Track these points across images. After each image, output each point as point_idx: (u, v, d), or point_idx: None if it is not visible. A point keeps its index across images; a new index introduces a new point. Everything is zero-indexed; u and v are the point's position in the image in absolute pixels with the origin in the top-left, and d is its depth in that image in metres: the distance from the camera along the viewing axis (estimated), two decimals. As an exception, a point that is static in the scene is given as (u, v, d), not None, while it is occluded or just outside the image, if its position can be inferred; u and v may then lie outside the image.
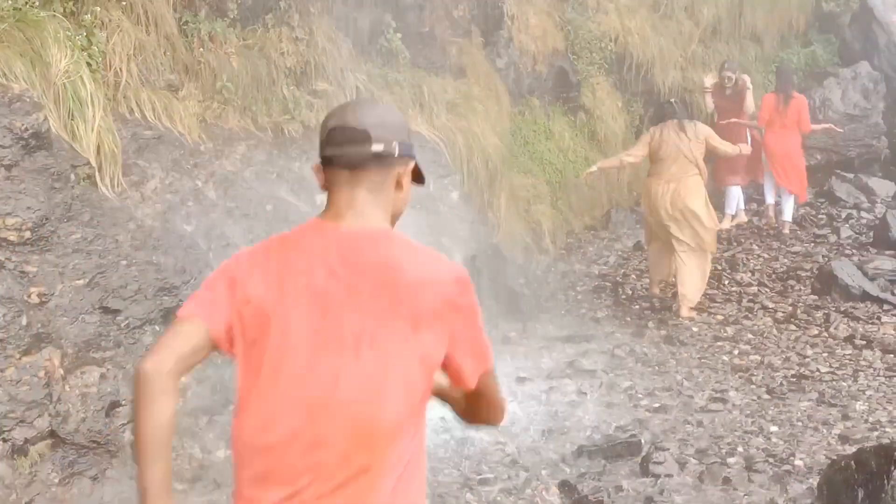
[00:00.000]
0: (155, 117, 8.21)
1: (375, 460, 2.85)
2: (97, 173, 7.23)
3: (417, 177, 3.19)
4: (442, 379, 3.12)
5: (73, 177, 6.90)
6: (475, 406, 3.27)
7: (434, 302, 2.96)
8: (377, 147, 3.00)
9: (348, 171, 3.03)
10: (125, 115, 8.01)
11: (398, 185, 3.10)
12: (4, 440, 5.68)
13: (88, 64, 7.55)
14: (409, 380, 2.90)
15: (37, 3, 7.31)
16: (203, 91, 8.86)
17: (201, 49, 8.94)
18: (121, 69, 8.10)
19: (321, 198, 8.31)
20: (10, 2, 7.11)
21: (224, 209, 8.18)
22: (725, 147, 11.15)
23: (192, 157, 8.32)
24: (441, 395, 3.22)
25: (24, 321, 6.05)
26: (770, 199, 14.43)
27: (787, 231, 14.09)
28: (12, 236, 6.29)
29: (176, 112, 8.39)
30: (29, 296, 6.20)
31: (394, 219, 3.17)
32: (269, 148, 9.17)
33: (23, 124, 6.54)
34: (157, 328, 6.82)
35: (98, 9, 8.02)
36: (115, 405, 6.35)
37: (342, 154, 3.02)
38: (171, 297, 6.99)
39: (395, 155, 3.04)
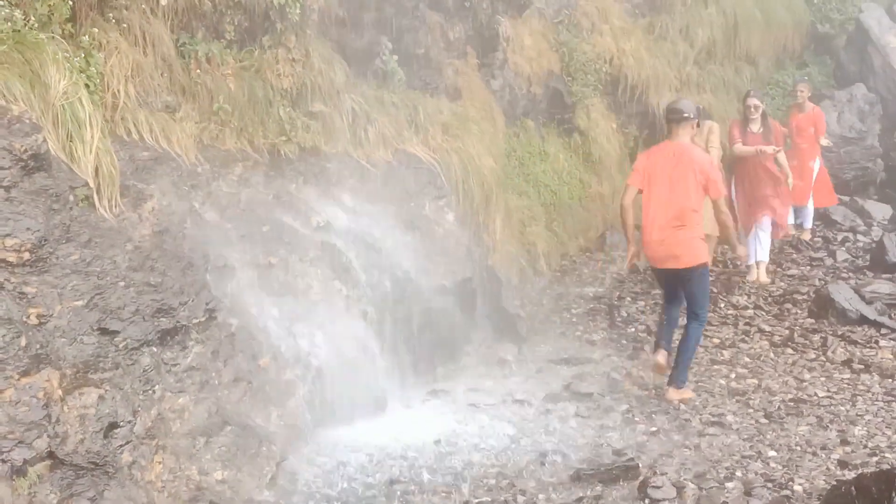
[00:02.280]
0: (152, 138, 8.23)
1: (685, 221, 9.01)
2: (95, 194, 7.22)
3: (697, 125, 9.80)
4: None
5: (71, 198, 6.90)
6: (715, 210, 9.22)
7: (701, 166, 9.05)
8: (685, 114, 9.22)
9: (675, 123, 9.21)
10: (123, 137, 8.04)
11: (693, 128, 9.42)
12: (3, 461, 5.64)
13: (87, 85, 7.56)
14: (695, 190, 9.01)
15: (36, 26, 7.31)
16: (200, 112, 8.88)
17: (198, 70, 8.96)
18: (119, 90, 8.13)
19: (316, 219, 8.40)
20: (9, 24, 7.11)
21: (221, 230, 8.18)
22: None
23: (190, 178, 8.33)
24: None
25: (22, 342, 6.03)
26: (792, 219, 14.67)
27: (808, 237, 14.68)
28: (11, 257, 6.28)
29: (173, 133, 8.41)
30: (28, 317, 6.19)
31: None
32: (265, 169, 9.18)
33: (22, 145, 6.54)
34: (154, 349, 6.82)
35: (96, 30, 8.04)
36: (113, 426, 6.32)
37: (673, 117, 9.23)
38: (169, 318, 6.99)
39: (691, 117, 9.24)
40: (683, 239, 9.01)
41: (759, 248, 12.99)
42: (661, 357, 9.40)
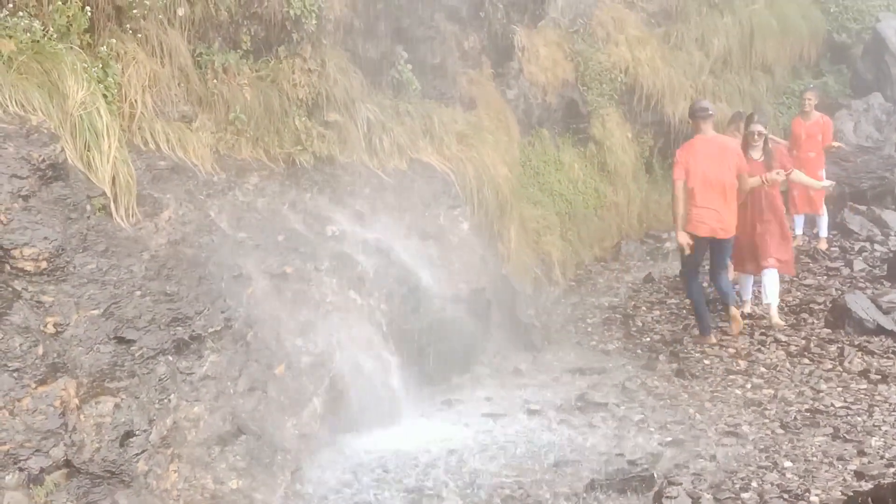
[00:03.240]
0: (169, 148, 8.27)
1: (727, 195, 10.84)
2: (112, 204, 7.28)
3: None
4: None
5: (88, 207, 6.95)
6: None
7: (735, 152, 10.99)
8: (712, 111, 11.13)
9: (703, 120, 10.96)
10: (140, 146, 8.08)
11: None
12: (20, 469, 5.70)
13: (104, 95, 7.61)
14: (730, 170, 10.84)
15: (54, 36, 7.37)
16: (216, 122, 8.93)
17: (215, 81, 9.00)
18: (136, 101, 8.17)
19: (331, 228, 8.44)
20: (28, 35, 7.17)
21: (236, 240, 8.22)
22: None
23: (206, 187, 8.37)
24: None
25: (40, 351, 6.07)
26: (799, 230, 14.67)
27: (824, 247, 14.56)
28: (29, 266, 6.33)
29: (190, 143, 8.46)
30: (45, 326, 6.23)
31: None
32: (281, 178, 9.23)
33: (40, 155, 6.59)
34: (170, 358, 6.86)
35: (114, 41, 8.09)
36: (129, 435, 6.36)
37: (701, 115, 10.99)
38: (185, 327, 7.03)
39: (713, 113, 11.17)
40: (729, 211, 11.02)
41: (766, 291, 11.70)
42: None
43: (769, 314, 11.69)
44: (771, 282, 11.64)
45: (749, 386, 9.87)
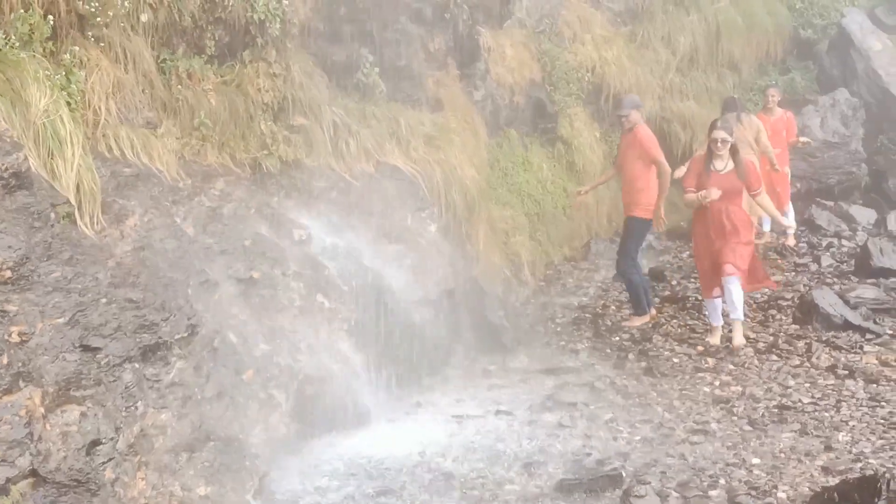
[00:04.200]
0: (134, 155, 8.24)
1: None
2: (77, 211, 7.25)
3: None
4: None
5: (52, 215, 6.92)
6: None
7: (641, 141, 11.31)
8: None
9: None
10: (104, 154, 8.05)
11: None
12: (-14, 480, 5.68)
13: (68, 103, 7.57)
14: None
15: (16, 44, 7.33)
16: (181, 128, 8.91)
17: (179, 86, 8.98)
18: (100, 108, 8.14)
19: (298, 232, 8.44)
20: (-11, 43, 7.15)
21: (203, 245, 8.21)
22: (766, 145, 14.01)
23: (171, 193, 8.35)
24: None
25: (4, 360, 6.05)
26: (767, 226, 14.77)
27: (792, 243, 14.68)
28: (-8, 276, 6.31)
29: (155, 149, 8.43)
30: (10, 335, 6.20)
31: None
32: (247, 183, 9.21)
33: (3, 164, 6.56)
34: (137, 365, 6.84)
35: (77, 48, 8.05)
36: (95, 443, 6.34)
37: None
38: (151, 333, 7.01)
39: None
40: None
41: (731, 307, 10.91)
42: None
43: (732, 333, 11.01)
44: (732, 292, 10.73)
45: (717, 383, 9.94)
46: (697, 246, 11.20)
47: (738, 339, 10.88)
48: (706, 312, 11.51)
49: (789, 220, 14.96)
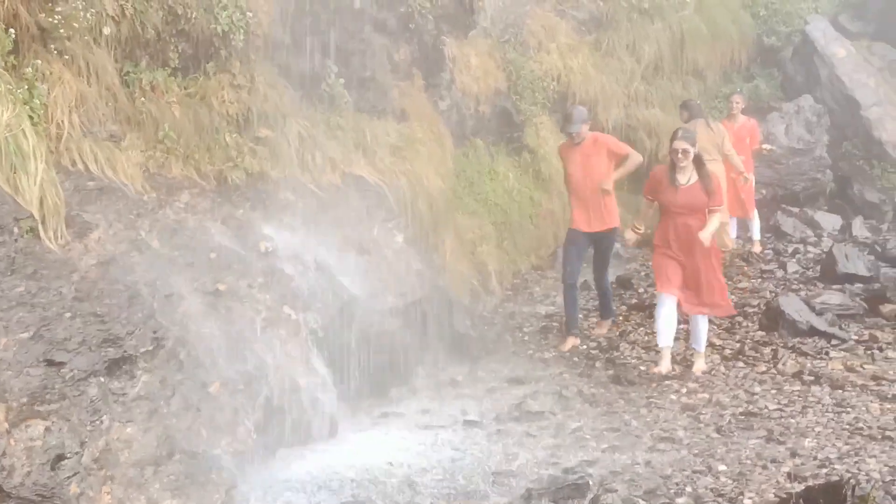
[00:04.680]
0: (98, 168, 8.21)
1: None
2: (40, 226, 7.23)
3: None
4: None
5: (16, 230, 6.91)
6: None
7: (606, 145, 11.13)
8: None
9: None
10: (68, 167, 8.02)
11: None
12: (-51, 497, 5.64)
13: (30, 117, 7.55)
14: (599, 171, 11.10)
15: (-23, 59, 7.31)
16: (145, 141, 8.88)
17: (143, 99, 8.96)
18: (63, 121, 8.11)
19: (264, 244, 8.41)
20: (-50, 58, 7.11)
21: (168, 258, 8.18)
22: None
23: (136, 207, 8.32)
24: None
25: (-34, 377, 6.02)
26: (733, 233, 14.91)
27: (758, 250, 14.82)
28: (-46, 292, 6.28)
29: (119, 162, 8.40)
30: (-28, 351, 6.18)
31: None
32: (212, 196, 9.18)
33: (-37, 179, 6.54)
34: (102, 380, 6.81)
35: (39, 62, 8.02)
36: (60, 458, 6.32)
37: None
38: (116, 348, 6.99)
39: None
40: None
41: (696, 340, 10.66)
42: None
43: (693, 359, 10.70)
44: (700, 328, 10.53)
45: (684, 391, 9.97)
46: (657, 250, 10.40)
47: (700, 364, 10.55)
48: (655, 327, 10.62)
49: (755, 230, 15.12)
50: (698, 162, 10.20)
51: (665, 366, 10.34)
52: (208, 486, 7.05)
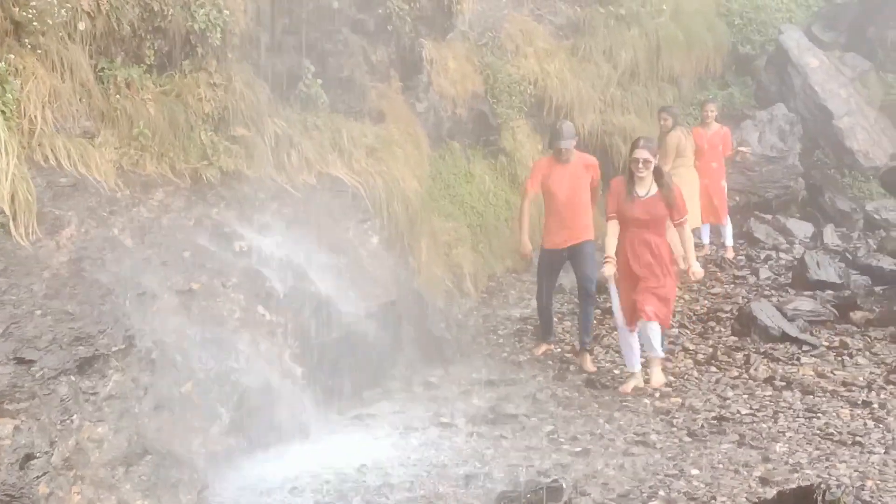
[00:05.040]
0: (71, 165, 8.11)
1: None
2: (11, 222, 7.15)
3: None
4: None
5: (-14, 226, 6.82)
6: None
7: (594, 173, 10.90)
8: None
9: None
10: (40, 163, 7.92)
11: None
12: (-85, 496, 5.56)
13: (2, 112, 7.46)
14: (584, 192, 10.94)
15: (-51, 53, 7.22)
16: (120, 138, 8.78)
17: (118, 96, 8.87)
18: (35, 117, 8.00)
19: (239, 243, 8.34)
20: (-79, 51, 7.02)
21: (141, 257, 8.10)
22: None
23: (109, 204, 8.23)
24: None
25: (-66, 374, 5.94)
26: (706, 238, 14.98)
27: (731, 255, 14.88)
28: (-77, 288, 6.19)
29: (92, 159, 8.31)
30: (-60, 348, 6.10)
31: None
32: (187, 194, 9.11)
33: (-66, 173, 6.46)
34: (72, 378, 6.74)
35: (12, 56, 7.93)
36: (29, 457, 6.24)
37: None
38: (87, 346, 6.91)
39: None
40: None
41: (648, 345, 10.16)
42: None
43: (649, 371, 10.29)
44: (650, 334, 9.96)
45: (657, 395, 9.98)
46: (619, 267, 9.99)
47: (657, 377, 10.14)
48: (621, 351, 10.64)
49: (728, 236, 15.18)
50: (658, 173, 9.82)
51: (631, 385, 10.17)
52: (180, 486, 7.01)
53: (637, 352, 10.15)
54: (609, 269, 9.85)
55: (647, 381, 10.19)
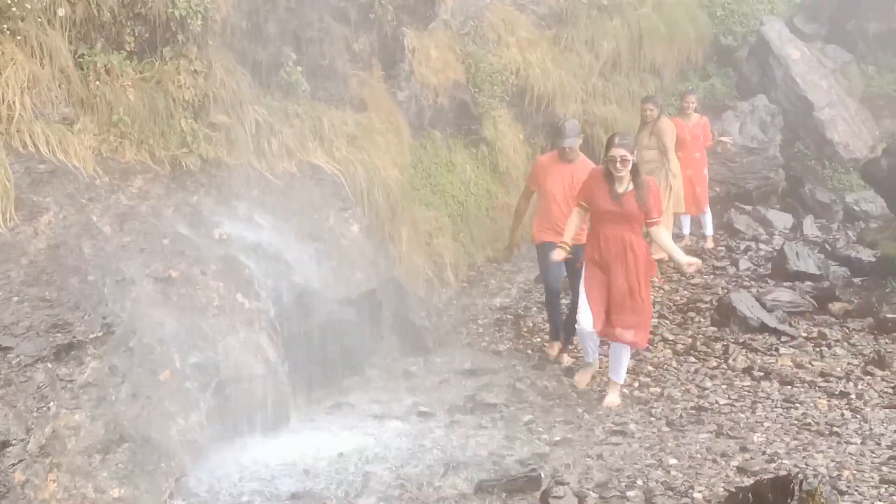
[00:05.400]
0: (49, 151, 8.06)
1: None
2: (-12, 208, 7.11)
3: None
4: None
5: (-37, 212, 6.78)
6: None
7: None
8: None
9: None
10: (18, 149, 7.86)
11: None
12: None
13: (-20, 97, 7.42)
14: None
15: (-74, 36, 7.17)
16: (99, 124, 8.74)
17: (97, 82, 8.81)
18: (14, 102, 7.94)
19: (218, 231, 8.32)
20: None
21: (119, 244, 8.06)
22: None
23: (88, 191, 8.19)
24: None
25: None
26: (686, 229, 15.04)
27: (711, 246, 14.98)
28: None
29: (71, 145, 8.26)
30: (-84, 334, 6.07)
31: None
32: (166, 181, 9.07)
33: (-90, 159, 6.42)
34: (49, 365, 6.71)
35: (-10, 41, 7.89)
36: (5, 445, 6.22)
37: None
38: (65, 333, 6.89)
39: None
40: None
41: (614, 369, 9.67)
42: None
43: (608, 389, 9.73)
44: (621, 357, 9.54)
45: (636, 384, 10.01)
46: (587, 271, 9.43)
47: (613, 398, 9.55)
48: (579, 342, 10.19)
49: (708, 226, 15.22)
50: (634, 171, 9.16)
51: (586, 377, 9.94)
52: (157, 474, 6.99)
53: (596, 345, 9.71)
54: (558, 255, 9.55)
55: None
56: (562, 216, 10.35)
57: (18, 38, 8.18)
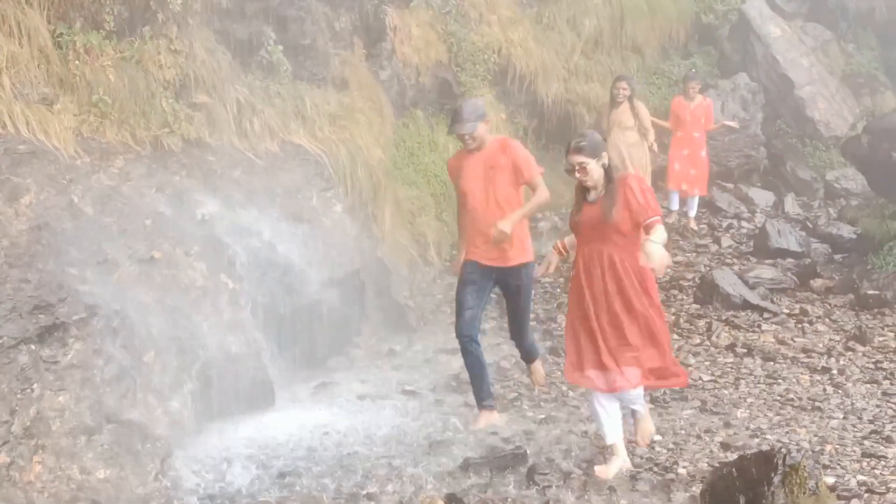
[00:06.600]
0: (29, 131, 8.02)
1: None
2: (-32, 190, 7.06)
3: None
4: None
5: (-58, 193, 6.74)
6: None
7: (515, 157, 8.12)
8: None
9: None
10: (-2, 130, 7.83)
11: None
12: None
13: (-42, 77, 7.37)
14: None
15: None
16: (79, 104, 8.69)
17: (77, 62, 8.76)
18: (-7, 82, 7.91)
19: (201, 211, 8.27)
20: None
21: (101, 225, 8.03)
22: None
23: (68, 171, 8.15)
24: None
25: None
26: (675, 205, 15.12)
27: (694, 225, 14.99)
28: None
29: (51, 126, 8.21)
30: None
31: None
32: (148, 161, 9.03)
33: None
34: (32, 347, 6.70)
35: (-31, 22, 7.82)
36: (-12, 428, 6.21)
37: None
38: (48, 314, 6.87)
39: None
40: None
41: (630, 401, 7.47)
42: None
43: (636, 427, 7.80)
44: (631, 393, 7.33)
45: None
46: (570, 304, 7.56)
47: (646, 428, 7.74)
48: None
49: (692, 207, 15.23)
50: (607, 174, 7.04)
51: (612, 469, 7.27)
52: (142, 455, 6.97)
53: (613, 415, 7.35)
54: (552, 259, 7.75)
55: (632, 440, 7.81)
56: (488, 221, 8.11)
57: (-4, 17, 8.13)
